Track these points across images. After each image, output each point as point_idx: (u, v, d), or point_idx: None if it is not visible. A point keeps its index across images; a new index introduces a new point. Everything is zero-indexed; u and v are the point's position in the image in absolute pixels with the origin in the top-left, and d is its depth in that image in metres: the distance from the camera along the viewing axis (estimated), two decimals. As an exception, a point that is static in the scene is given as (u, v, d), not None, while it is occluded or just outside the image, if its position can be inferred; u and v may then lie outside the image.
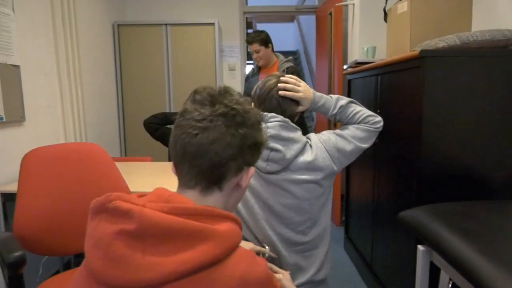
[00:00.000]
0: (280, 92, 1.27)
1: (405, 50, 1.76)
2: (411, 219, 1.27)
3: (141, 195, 0.67)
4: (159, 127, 2.74)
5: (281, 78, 1.30)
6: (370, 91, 2.12)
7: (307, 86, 1.33)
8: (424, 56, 1.43)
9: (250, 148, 0.68)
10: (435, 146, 1.47)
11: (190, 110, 0.67)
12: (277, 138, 1.18)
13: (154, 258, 0.55)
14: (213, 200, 0.68)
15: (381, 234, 1.99)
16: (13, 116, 2.01)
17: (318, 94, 1.35)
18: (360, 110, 1.35)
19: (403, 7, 1.78)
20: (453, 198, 1.48)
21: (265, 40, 2.90)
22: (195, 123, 0.65)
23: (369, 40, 2.66)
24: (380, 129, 1.33)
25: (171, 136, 0.70)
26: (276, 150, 1.18)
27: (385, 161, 1.91)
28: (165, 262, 0.54)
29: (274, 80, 1.30)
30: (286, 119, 1.22)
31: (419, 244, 1.30)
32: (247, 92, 3.21)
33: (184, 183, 0.68)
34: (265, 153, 1.17)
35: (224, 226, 0.60)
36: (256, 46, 2.89)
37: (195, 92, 0.70)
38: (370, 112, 1.36)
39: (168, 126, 2.81)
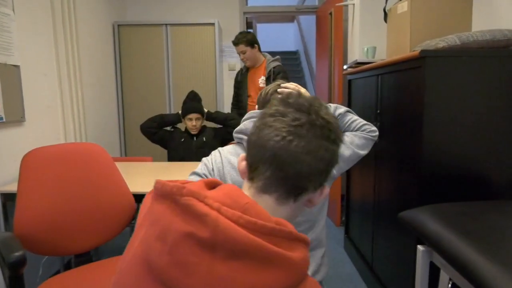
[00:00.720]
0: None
1: (405, 50, 1.76)
2: (411, 219, 1.27)
3: (210, 184, 0.64)
4: (156, 130, 2.76)
5: (281, 84, 1.31)
6: (371, 91, 2.12)
7: (307, 92, 1.34)
8: (425, 56, 1.43)
9: (333, 165, 0.66)
10: (435, 146, 1.47)
11: (284, 112, 0.64)
12: None
13: (223, 274, 0.51)
14: (286, 211, 0.65)
15: (382, 234, 1.99)
16: (13, 116, 2.01)
17: None
18: (357, 119, 1.36)
19: (403, 7, 1.78)
20: (453, 198, 1.49)
21: (251, 41, 2.94)
22: (290, 129, 0.62)
23: (369, 40, 2.66)
24: (376, 138, 1.33)
25: (253, 132, 0.66)
26: None
27: (385, 161, 1.91)
28: (234, 282, 0.51)
29: (274, 85, 1.30)
30: None
31: (419, 244, 1.30)
32: (237, 93, 3.23)
33: (261, 186, 0.65)
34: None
35: (298, 253, 0.56)
36: (242, 47, 2.94)
37: (288, 96, 0.67)
38: (365, 122, 1.36)
39: (166, 128, 2.82)
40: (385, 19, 2.14)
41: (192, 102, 2.75)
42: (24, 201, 1.54)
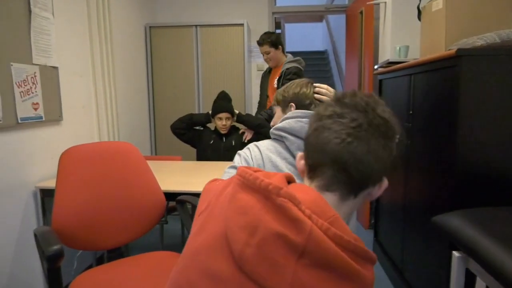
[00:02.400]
0: (316, 96, 1.26)
1: (440, 49, 1.70)
2: (445, 223, 1.23)
3: (287, 178, 0.66)
4: (185, 131, 2.79)
5: (314, 84, 1.29)
6: (403, 92, 2.07)
7: (332, 90, 1.32)
8: (461, 55, 1.38)
9: (392, 162, 0.67)
10: (471, 148, 1.41)
11: (341, 113, 0.65)
12: None
13: (306, 280, 0.54)
14: (348, 207, 0.67)
15: (413, 238, 1.94)
16: (51, 115, 2.10)
17: None
18: None
19: (438, 4, 1.73)
20: (490, 203, 1.43)
21: (275, 42, 2.93)
22: (349, 130, 0.63)
23: (401, 39, 2.60)
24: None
25: (311, 134, 0.68)
26: None
27: (417, 163, 1.86)
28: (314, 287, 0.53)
29: (302, 84, 1.29)
30: None
31: (454, 250, 1.26)
32: (260, 93, 3.24)
33: (323, 186, 0.66)
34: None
35: (370, 273, 0.59)
36: (266, 48, 2.93)
37: (344, 95, 0.68)
38: None
39: (196, 127, 2.85)
40: (419, 17, 2.08)
41: (222, 102, 2.76)
42: (62, 197, 1.61)
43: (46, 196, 2.00)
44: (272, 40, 2.92)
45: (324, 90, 1.27)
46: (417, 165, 1.86)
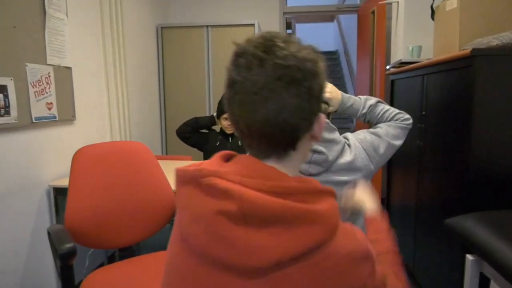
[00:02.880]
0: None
1: (454, 49, 1.68)
2: (458, 226, 1.22)
3: (225, 156, 0.65)
4: (190, 135, 2.79)
5: None
6: (415, 92, 2.04)
7: (334, 87, 1.32)
8: (476, 55, 1.36)
9: (317, 97, 0.61)
10: (485, 150, 1.39)
11: (239, 80, 0.58)
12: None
13: (261, 242, 0.53)
14: (291, 163, 0.63)
15: (425, 241, 1.92)
16: (65, 115, 2.13)
17: (346, 95, 1.34)
18: (389, 109, 1.32)
19: (452, 3, 1.70)
20: (503, 206, 1.40)
21: None
22: (252, 97, 0.57)
23: (414, 39, 2.57)
24: (410, 126, 1.29)
25: (228, 113, 0.63)
26: (319, 152, 1.17)
27: (430, 164, 1.83)
28: (272, 247, 0.53)
29: None
30: (327, 120, 1.20)
31: (467, 253, 1.24)
32: None
33: (257, 154, 0.63)
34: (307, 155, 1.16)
35: (326, 205, 0.56)
36: None
37: (237, 54, 0.60)
38: (398, 110, 1.32)
39: (202, 130, 2.85)
40: (432, 17, 2.05)
41: None
42: (75, 196, 1.63)
43: (59, 194, 2.03)
44: None
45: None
46: (430, 166, 1.83)
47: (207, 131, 2.88)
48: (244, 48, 0.60)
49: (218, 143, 2.78)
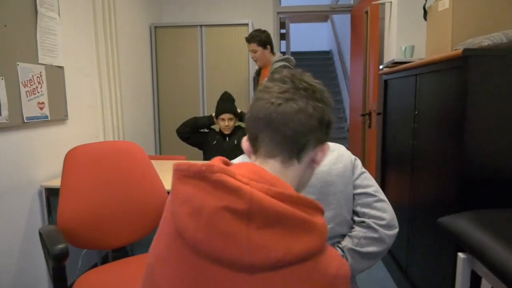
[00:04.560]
0: None
1: (447, 49, 1.69)
2: (451, 225, 1.23)
3: (224, 162, 0.69)
4: (189, 135, 2.82)
5: None
6: (408, 92, 2.05)
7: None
8: (468, 56, 1.37)
9: (327, 125, 0.72)
10: (477, 149, 1.40)
11: (271, 85, 0.72)
12: None
13: (260, 241, 0.56)
14: (292, 173, 0.70)
15: (418, 239, 1.93)
16: (57, 115, 2.11)
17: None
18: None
19: (445, 4, 1.71)
20: (497, 204, 1.41)
21: (264, 41, 2.81)
22: (278, 95, 0.69)
23: (407, 39, 2.58)
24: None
25: (250, 110, 0.73)
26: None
27: (422, 164, 1.85)
28: (273, 247, 0.56)
29: None
30: None
31: (460, 251, 1.25)
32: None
33: (265, 153, 0.70)
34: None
35: (320, 220, 0.61)
36: (254, 46, 2.81)
37: (273, 73, 0.76)
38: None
39: (201, 130, 2.87)
40: (425, 17, 2.06)
41: (225, 103, 2.78)
42: (67, 196, 1.61)
43: (51, 195, 2.01)
44: (261, 39, 2.80)
45: None
46: (423, 165, 1.85)
47: (207, 131, 2.89)
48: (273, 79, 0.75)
49: (215, 142, 2.80)
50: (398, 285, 2.26)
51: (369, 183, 1.10)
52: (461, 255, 1.23)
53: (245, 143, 0.76)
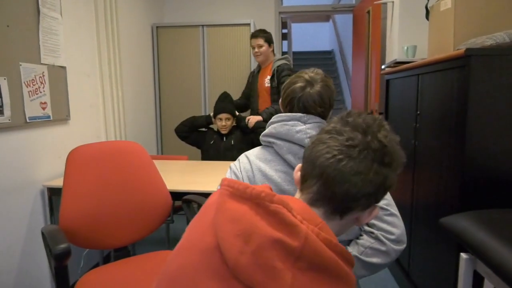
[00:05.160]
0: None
1: (449, 49, 1.69)
2: (453, 225, 1.22)
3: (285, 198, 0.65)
4: (188, 134, 2.86)
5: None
6: (410, 92, 2.05)
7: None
8: (470, 55, 1.36)
9: (386, 189, 0.66)
10: (479, 149, 1.40)
11: (340, 131, 0.65)
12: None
13: (304, 282, 0.55)
14: (333, 226, 0.66)
15: (420, 239, 1.93)
16: (59, 115, 2.11)
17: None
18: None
19: (447, 3, 1.71)
20: (499, 205, 1.41)
21: (270, 39, 2.99)
22: (342, 148, 0.63)
23: (409, 39, 2.58)
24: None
25: (309, 146, 0.68)
26: None
27: (425, 163, 1.84)
28: None
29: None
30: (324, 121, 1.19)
31: (462, 251, 1.25)
32: (248, 94, 3.21)
33: (309, 200, 0.66)
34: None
35: (351, 273, 0.60)
36: (260, 41, 2.95)
37: (349, 114, 0.68)
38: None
39: (200, 130, 2.88)
40: (427, 17, 2.06)
41: (223, 103, 2.81)
42: (69, 196, 1.62)
43: (53, 195, 2.02)
44: (267, 36, 2.97)
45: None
46: (425, 165, 1.84)
47: (205, 130, 2.91)
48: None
49: (212, 141, 2.81)
50: (400, 285, 2.25)
51: None
52: (463, 255, 1.23)
53: (297, 173, 0.72)
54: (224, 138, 2.82)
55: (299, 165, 0.73)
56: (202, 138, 2.88)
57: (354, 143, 0.63)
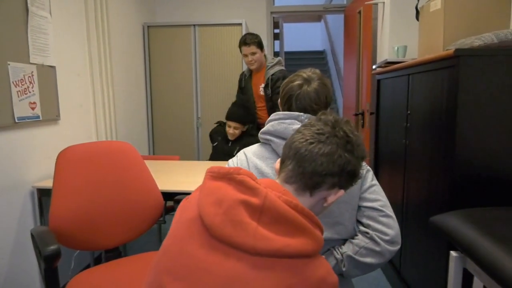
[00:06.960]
0: None
1: (438, 49, 1.71)
2: (443, 224, 1.24)
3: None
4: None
5: None
6: (401, 92, 2.07)
7: None
8: (459, 55, 1.38)
9: (348, 174, 0.79)
10: (469, 149, 1.42)
11: (313, 124, 0.83)
12: None
13: (267, 233, 0.67)
14: (303, 201, 0.78)
15: (411, 238, 1.94)
16: (49, 115, 2.09)
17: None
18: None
19: (437, 4, 1.73)
20: (487, 203, 1.43)
21: (261, 44, 2.83)
22: (313, 134, 0.80)
23: (400, 39, 2.60)
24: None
25: (290, 137, 0.84)
26: None
27: (415, 163, 1.86)
28: (275, 240, 0.67)
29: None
30: None
31: (452, 250, 1.26)
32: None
33: (284, 178, 0.81)
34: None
35: (318, 233, 0.72)
36: (253, 48, 2.78)
37: (323, 113, 0.86)
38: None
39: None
40: (417, 17, 2.08)
41: (235, 108, 2.67)
42: (59, 197, 1.60)
43: (43, 196, 1.99)
44: (259, 41, 2.81)
45: None
46: (415, 165, 1.86)
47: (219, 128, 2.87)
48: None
49: (216, 143, 2.79)
50: (392, 285, 2.27)
51: (377, 197, 1.11)
52: (453, 253, 1.24)
53: (277, 164, 0.86)
54: (230, 143, 2.73)
55: (279, 158, 0.87)
56: (214, 133, 2.84)
57: (324, 131, 0.80)
